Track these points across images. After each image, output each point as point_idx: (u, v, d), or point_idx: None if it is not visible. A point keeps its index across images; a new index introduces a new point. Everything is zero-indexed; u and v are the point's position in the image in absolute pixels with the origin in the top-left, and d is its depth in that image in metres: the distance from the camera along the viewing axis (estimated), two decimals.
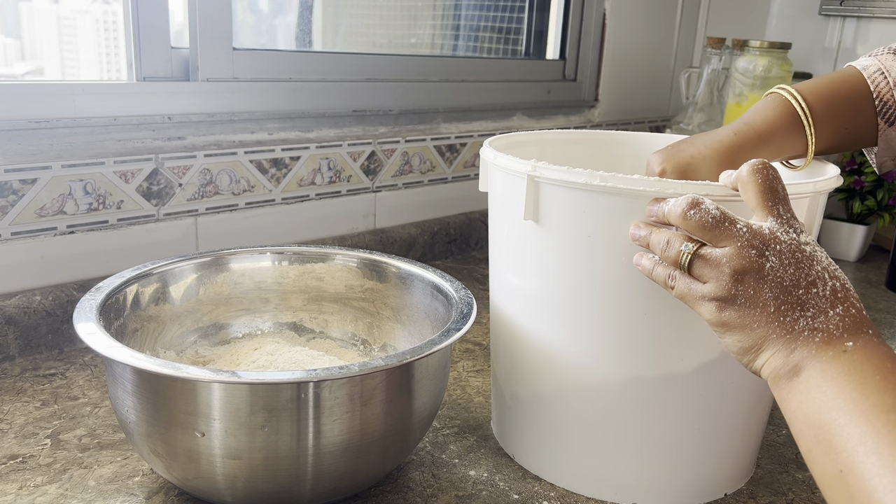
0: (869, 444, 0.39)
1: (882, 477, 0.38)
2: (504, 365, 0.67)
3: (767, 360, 0.46)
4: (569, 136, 0.79)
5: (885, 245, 1.45)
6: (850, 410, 0.41)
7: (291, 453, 0.51)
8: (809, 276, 0.46)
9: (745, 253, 0.46)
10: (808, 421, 0.43)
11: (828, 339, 0.44)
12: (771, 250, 0.46)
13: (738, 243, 0.46)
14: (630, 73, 1.57)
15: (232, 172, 0.96)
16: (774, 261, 0.46)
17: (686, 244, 0.49)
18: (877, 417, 0.40)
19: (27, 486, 0.58)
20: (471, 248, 1.27)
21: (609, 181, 0.53)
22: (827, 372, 0.43)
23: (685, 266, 0.49)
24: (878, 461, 0.38)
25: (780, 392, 0.46)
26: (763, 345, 0.46)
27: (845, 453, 0.40)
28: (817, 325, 0.45)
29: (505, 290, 0.65)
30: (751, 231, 0.47)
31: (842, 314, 0.45)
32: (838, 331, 0.44)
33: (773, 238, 0.46)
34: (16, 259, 0.81)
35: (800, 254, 0.46)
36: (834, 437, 0.41)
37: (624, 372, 0.58)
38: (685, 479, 0.61)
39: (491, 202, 0.66)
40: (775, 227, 0.47)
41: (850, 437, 0.40)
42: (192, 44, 0.92)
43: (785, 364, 0.45)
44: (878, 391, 0.41)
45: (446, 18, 1.35)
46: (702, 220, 0.47)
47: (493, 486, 0.62)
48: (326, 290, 0.76)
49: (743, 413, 0.61)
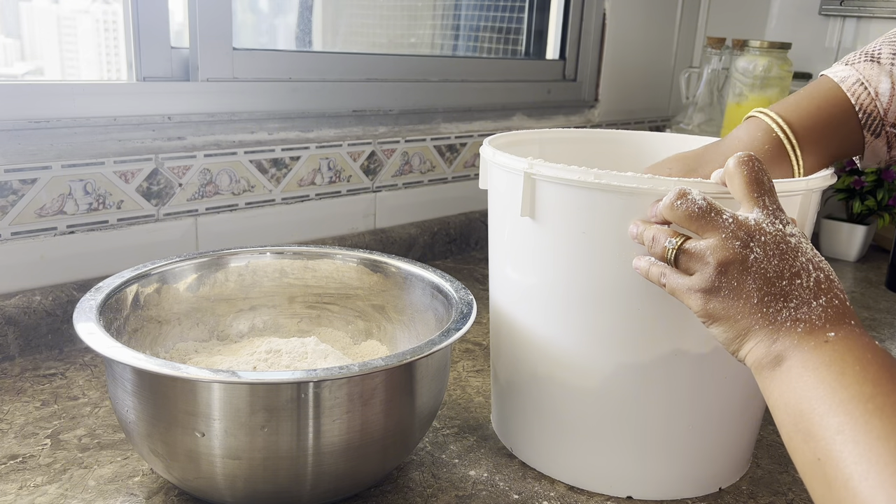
0: (846, 433, 0.40)
1: (858, 465, 0.38)
2: (503, 359, 0.67)
3: (751, 349, 0.47)
4: (569, 134, 0.79)
5: (885, 245, 1.45)
6: (830, 400, 0.42)
7: (291, 453, 0.51)
8: (794, 268, 0.46)
9: (730, 244, 0.47)
10: (788, 410, 0.44)
11: (810, 330, 0.45)
12: (755, 241, 0.47)
13: (722, 234, 0.47)
14: (630, 73, 1.57)
15: (232, 172, 0.96)
16: (759, 252, 0.46)
17: (670, 240, 0.50)
18: (855, 407, 0.40)
19: (27, 486, 0.58)
20: (471, 248, 1.27)
21: (604, 178, 0.54)
22: (808, 362, 0.44)
23: (671, 260, 0.50)
24: (854, 449, 0.39)
25: (763, 381, 0.46)
26: (747, 335, 0.47)
27: (823, 441, 0.41)
28: (800, 315, 0.45)
29: (504, 285, 0.65)
30: (736, 222, 0.47)
31: (825, 305, 0.45)
32: (820, 321, 0.45)
33: (759, 229, 0.47)
34: (16, 259, 0.81)
35: (784, 245, 0.47)
36: (813, 425, 0.42)
37: (619, 366, 0.58)
38: (680, 473, 0.62)
39: (490, 200, 0.67)
40: (761, 219, 0.48)
41: (829, 426, 0.41)
42: (192, 44, 0.92)
43: (767, 353, 0.46)
44: (857, 381, 0.41)
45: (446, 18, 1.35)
46: (688, 210, 0.48)
47: (493, 486, 0.62)
48: (326, 290, 0.76)
49: (737, 407, 0.62)
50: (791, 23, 1.62)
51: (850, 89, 0.60)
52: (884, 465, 0.37)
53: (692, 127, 1.43)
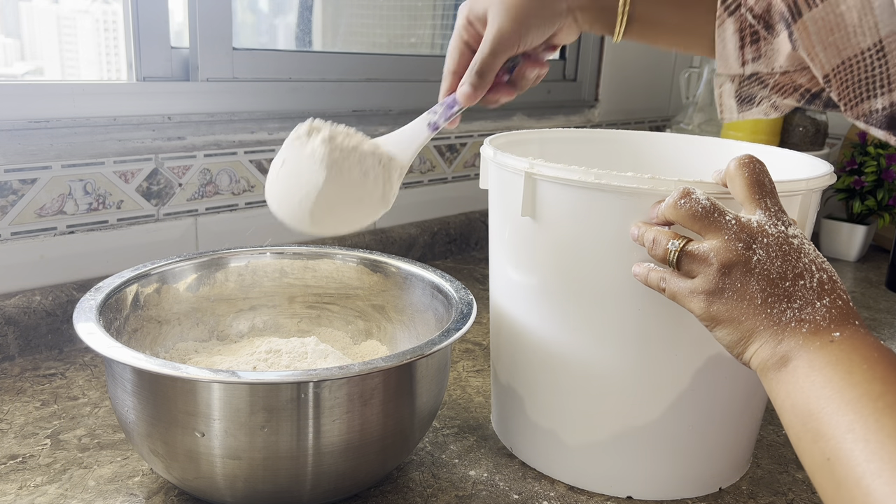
0: (857, 432, 0.40)
1: (870, 463, 0.38)
2: (504, 359, 0.67)
3: (756, 351, 0.47)
4: (569, 134, 0.79)
5: (885, 245, 1.45)
6: (838, 399, 0.41)
7: (291, 453, 0.51)
8: (797, 269, 0.46)
9: (733, 246, 0.46)
10: (796, 410, 0.44)
11: (815, 330, 0.45)
12: (758, 243, 0.46)
13: (725, 236, 0.47)
14: (630, 73, 1.57)
15: (232, 172, 0.96)
16: (762, 253, 0.46)
17: (673, 242, 0.49)
18: (864, 406, 0.40)
19: (27, 486, 0.58)
20: (471, 248, 1.27)
21: (604, 178, 0.54)
22: (815, 362, 0.44)
23: (673, 262, 0.49)
24: (865, 448, 0.39)
25: (768, 382, 0.46)
26: (751, 336, 0.47)
27: (833, 441, 0.41)
28: (804, 316, 0.45)
29: (504, 285, 0.65)
30: (739, 224, 0.47)
31: (828, 305, 0.45)
32: (825, 322, 0.45)
33: (761, 231, 0.47)
34: (16, 259, 0.81)
35: (787, 246, 0.47)
36: (822, 425, 0.42)
37: (619, 367, 0.58)
38: (680, 473, 0.62)
39: (491, 199, 0.67)
40: (763, 220, 0.47)
41: (839, 426, 0.41)
42: (192, 44, 0.92)
43: (773, 355, 0.46)
44: (866, 380, 0.41)
45: (446, 18, 1.35)
46: (692, 209, 0.48)
47: (493, 486, 0.62)
48: (326, 290, 0.76)
49: (737, 408, 0.62)
50: None
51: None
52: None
53: (692, 127, 1.43)
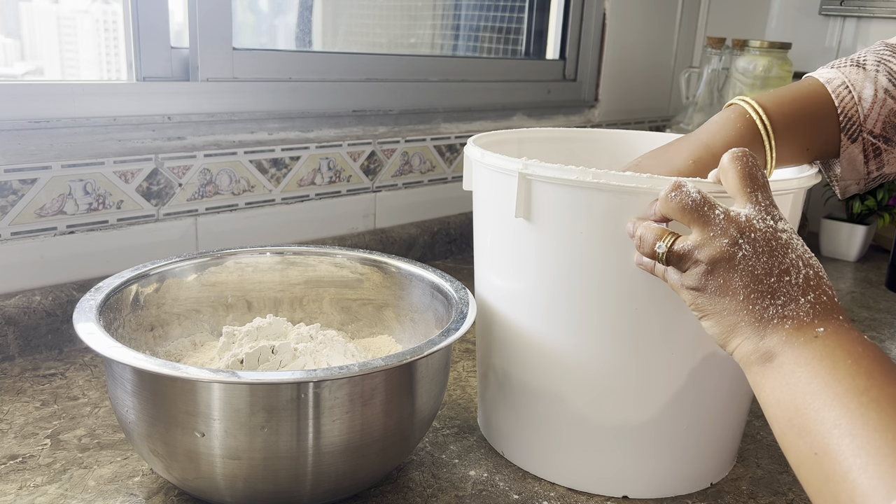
0: (843, 427, 0.40)
1: (857, 458, 0.39)
2: (493, 363, 0.66)
3: (738, 345, 0.47)
4: (548, 133, 0.78)
5: (885, 245, 1.45)
6: (824, 394, 0.42)
7: (291, 453, 0.51)
8: (783, 265, 0.47)
9: (718, 243, 0.47)
10: (781, 405, 0.44)
11: (798, 326, 0.45)
12: (745, 238, 0.47)
13: (710, 232, 0.47)
14: (630, 73, 1.57)
15: (232, 172, 0.96)
16: (748, 249, 0.47)
17: (659, 243, 0.50)
18: (850, 400, 0.41)
19: (27, 486, 0.58)
20: (470, 249, 1.27)
21: (602, 178, 0.53)
22: (800, 357, 0.44)
23: (663, 262, 0.50)
24: (852, 442, 0.39)
25: (752, 377, 0.47)
26: (734, 331, 0.47)
27: (820, 436, 0.41)
28: (787, 312, 0.46)
29: (493, 288, 0.64)
30: (727, 218, 0.47)
31: (813, 301, 0.46)
32: (808, 317, 0.45)
33: (749, 226, 0.47)
34: (16, 259, 0.81)
35: (775, 241, 0.47)
36: (808, 420, 0.42)
37: (613, 366, 0.58)
38: (673, 471, 0.62)
39: (477, 201, 0.66)
40: (752, 214, 0.48)
41: (825, 421, 0.41)
42: (192, 44, 0.92)
43: (756, 350, 0.46)
44: (850, 375, 0.42)
45: (446, 18, 1.35)
46: (682, 202, 0.48)
47: (493, 486, 0.62)
48: (326, 290, 0.76)
49: (725, 403, 0.62)
50: (791, 23, 1.62)
51: (836, 91, 0.60)
52: (883, 457, 0.38)
53: (692, 127, 1.43)
